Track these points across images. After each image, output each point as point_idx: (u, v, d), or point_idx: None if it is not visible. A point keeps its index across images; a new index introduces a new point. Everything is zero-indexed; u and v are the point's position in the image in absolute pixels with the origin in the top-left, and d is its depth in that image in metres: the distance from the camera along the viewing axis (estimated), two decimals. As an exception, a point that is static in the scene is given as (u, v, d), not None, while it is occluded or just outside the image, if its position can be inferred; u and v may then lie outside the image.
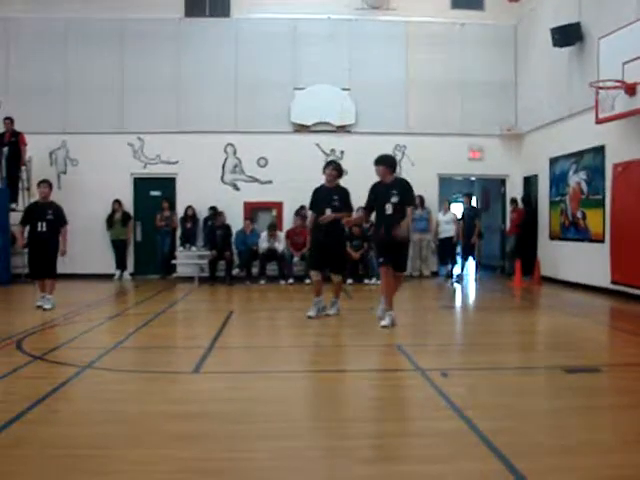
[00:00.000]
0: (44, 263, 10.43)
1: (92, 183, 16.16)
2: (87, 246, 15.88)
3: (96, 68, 16.45)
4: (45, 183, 10.87)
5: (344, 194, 9.83)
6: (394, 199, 8.69)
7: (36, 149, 15.58)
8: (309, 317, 9.51)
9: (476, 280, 16.35)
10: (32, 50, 16.35)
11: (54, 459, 4.01)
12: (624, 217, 12.02)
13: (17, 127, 15.28)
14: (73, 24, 16.43)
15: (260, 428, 4.58)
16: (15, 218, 15.40)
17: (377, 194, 8.94)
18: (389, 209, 8.70)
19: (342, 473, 3.80)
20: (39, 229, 10.45)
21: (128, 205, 16.72)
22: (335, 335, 8.74)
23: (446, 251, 16.52)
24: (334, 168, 9.93)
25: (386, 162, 9.00)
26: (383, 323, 8.59)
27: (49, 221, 10.49)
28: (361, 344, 7.98)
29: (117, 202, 16.36)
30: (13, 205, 15.41)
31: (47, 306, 10.27)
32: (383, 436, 4.41)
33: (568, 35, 13.68)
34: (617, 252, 12.26)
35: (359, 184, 16.19)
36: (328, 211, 9.56)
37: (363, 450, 4.13)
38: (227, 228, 15.83)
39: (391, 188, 8.77)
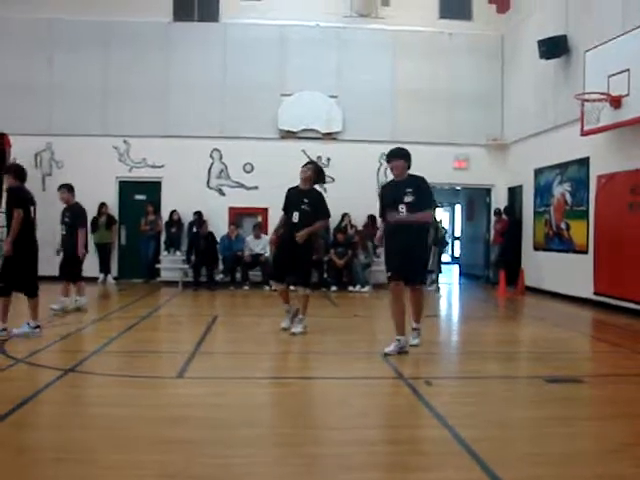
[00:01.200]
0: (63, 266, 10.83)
1: (77, 186, 15.64)
2: (71, 249, 15.76)
3: (82, 70, 16.38)
4: (63, 188, 11.07)
5: (316, 198, 8.83)
6: (408, 198, 7.36)
7: (20, 151, 15.44)
8: (283, 329, 9.02)
9: (459, 288, 16.39)
10: (17, 51, 16.25)
11: (35, 463, 3.98)
12: (608, 228, 12.12)
13: (1, 128, 15.16)
14: (59, 25, 16.34)
15: (243, 434, 4.57)
16: (2, 221, 15.34)
17: (387, 195, 7.70)
18: (403, 210, 7.40)
19: (324, 480, 3.80)
20: (62, 232, 10.89)
21: (113, 208, 16.65)
22: (319, 342, 8.71)
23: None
24: (309, 168, 8.96)
25: (405, 155, 7.61)
26: (388, 350, 7.32)
27: (67, 224, 10.78)
28: (345, 352, 7.97)
29: (102, 205, 16.27)
30: (-2, 208, 15.27)
31: (55, 307, 10.40)
32: (366, 444, 4.40)
33: (555, 47, 13.80)
34: (600, 263, 12.35)
35: (345, 191, 16.43)
36: (296, 215, 8.68)
37: (346, 458, 4.12)
38: (212, 236, 15.79)
39: (405, 186, 7.46)
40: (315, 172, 8.94)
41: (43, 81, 16.30)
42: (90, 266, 15.88)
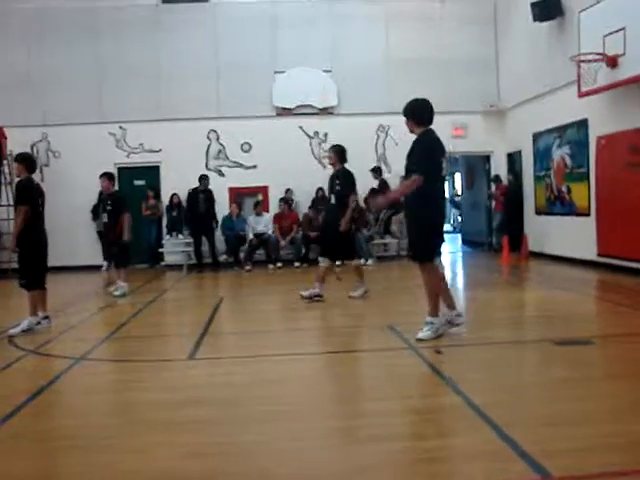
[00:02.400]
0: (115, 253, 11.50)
1: (75, 174, 16.03)
2: (73, 238, 15.81)
3: (74, 58, 16.26)
4: (103, 176, 11.55)
5: (342, 177, 9.40)
6: (406, 162, 6.76)
7: (17, 143, 15.37)
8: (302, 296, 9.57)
9: (462, 256, 16.40)
10: (7, 42, 16.13)
11: (54, 451, 4.02)
12: (609, 190, 12.10)
13: (-4, 121, 15.15)
14: (47, 13, 16.21)
15: (258, 411, 4.61)
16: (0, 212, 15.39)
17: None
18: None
19: (342, 453, 3.83)
20: (104, 220, 11.48)
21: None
22: (326, 317, 8.76)
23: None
24: (330, 151, 9.76)
25: (406, 111, 6.91)
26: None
27: (109, 212, 11.21)
28: (352, 325, 8.01)
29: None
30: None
31: (117, 293, 11.03)
32: (381, 415, 4.44)
33: (548, 9, 13.68)
34: (603, 225, 12.35)
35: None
36: (332, 197, 9.49)
37: (362, 429, 4.16)
38: (210, 194, 15.74)
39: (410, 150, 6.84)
40: (337, 153, 9.54)
41: (35, 71, 16.19)
42: (93, 254, 16.00)
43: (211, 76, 16.60)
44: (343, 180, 9.39)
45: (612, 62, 11.02)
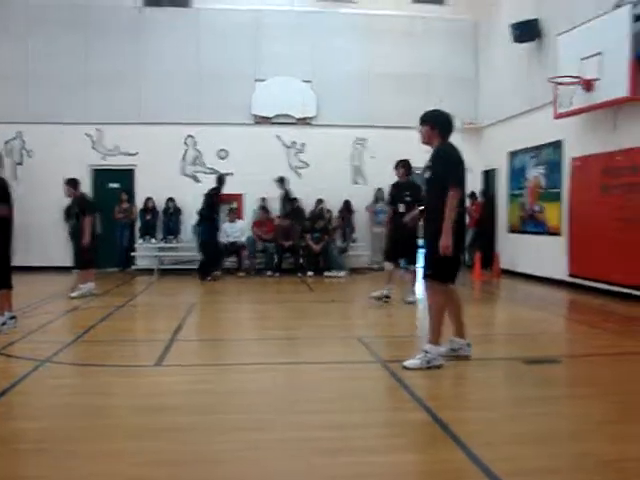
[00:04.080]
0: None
1: (49, 174, 15.82)
2: (45, 238, 15.66)
3: (52, 57, 16.11)
4: (66, 182, 11.66)
5: (412, 189, 10.22)
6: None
7: (-11, 140, 15.24)
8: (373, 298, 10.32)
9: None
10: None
11: (16, 454, 3.95)
12: (581, 211, 12.24)
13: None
14: (28, 10, 16.07)
15: (222, 420, 4.57)
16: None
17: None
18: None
19: (304, 465, 3.81)
20: (72, 222, 11.91)
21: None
22: (296, 327, 8.73)
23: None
24: (398, 165, 10.55)
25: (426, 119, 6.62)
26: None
27: (76, 215, 11.48)
28: (323, 336, 7.99)
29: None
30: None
31: (73, 294, 11.11)
32: (346, 427, 4.42)
33: (527, 31, 13.85)
34: (574, 245, 12.47)
35: (320, 176, 16.44)
36: (401, 206, 10.16)
37: (325, 441, 4.13)
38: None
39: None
40: (405, 167, 10.46)
41: (12, 68, 16.02)
42: (64, 255, 15.80)
43: (191, 82, 16.55)
44: (413, 191, 10.15)
45: (588, 85, 11.16)
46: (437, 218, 5.97)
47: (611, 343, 7.46)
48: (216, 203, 14.42)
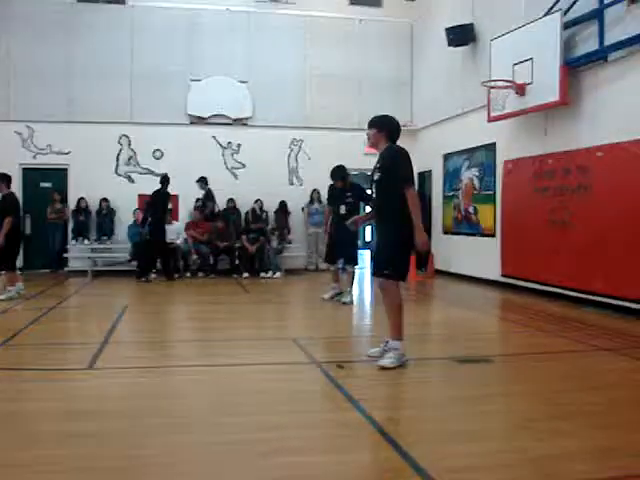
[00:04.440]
0: None
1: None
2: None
3: (-20, 52, 15.66)
4: None
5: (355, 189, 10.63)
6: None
7: None
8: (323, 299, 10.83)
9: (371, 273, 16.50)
10: None
11: None
12: (513, 212, 12.48)
13: None
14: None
15: (155, 424, 4.46)
16: None
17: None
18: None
19: (239, 467, 3.75)
20: None
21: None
22: (231, 329, 8.64)
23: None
24: (339, 178, 10.74)
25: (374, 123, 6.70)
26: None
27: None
28: (258, 338, 7.93)
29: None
30: None
31: (2, 297, 10.71)
32: (280, 429, 4.38)
33: (462, 35, 14.06)
34: (507, 246, 12.71)
35: (256, 177, 16.37)
36: (343, 208, 10.39)
37: (261, 443, 4.08)
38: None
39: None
40: (342, 177, 10.70)
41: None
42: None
43: (125, 80, 16.27)
44: (354, 192, 10.52)
45: (520, 90, 11.38)
46: (389, 218, 6.15)
47: (541, 341, 7.60)
48: (163, 202, 14.22)
